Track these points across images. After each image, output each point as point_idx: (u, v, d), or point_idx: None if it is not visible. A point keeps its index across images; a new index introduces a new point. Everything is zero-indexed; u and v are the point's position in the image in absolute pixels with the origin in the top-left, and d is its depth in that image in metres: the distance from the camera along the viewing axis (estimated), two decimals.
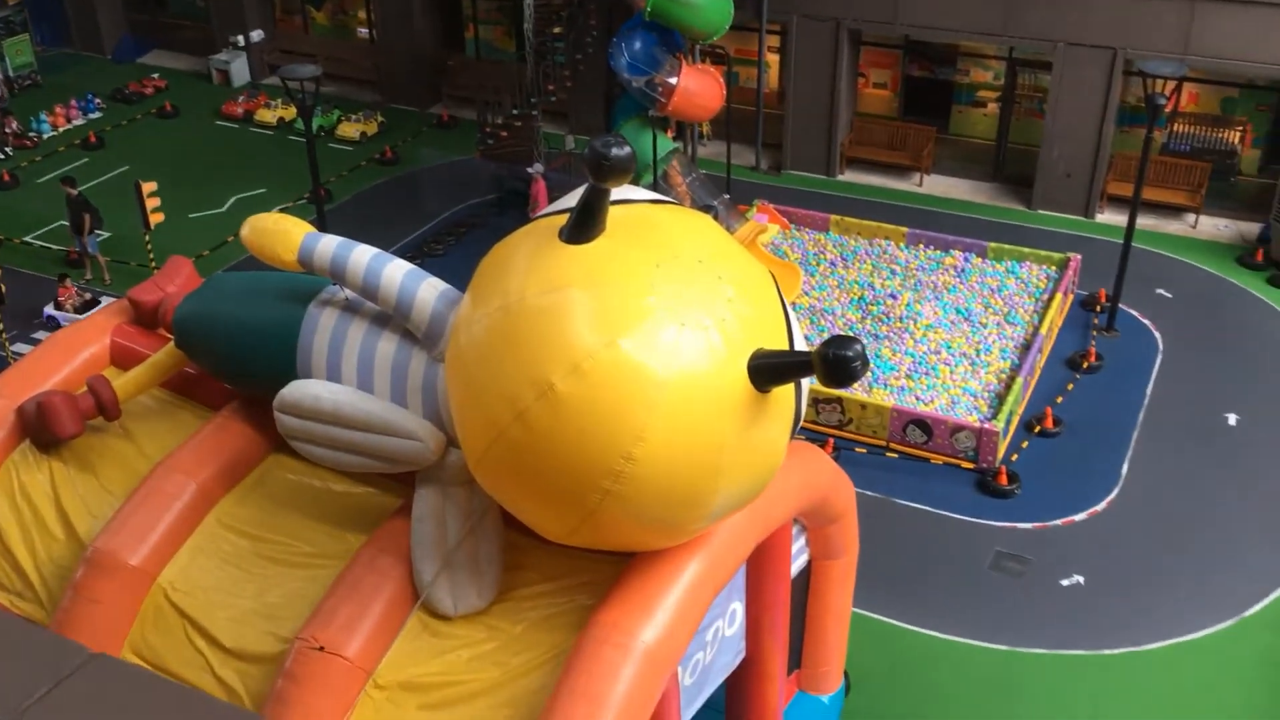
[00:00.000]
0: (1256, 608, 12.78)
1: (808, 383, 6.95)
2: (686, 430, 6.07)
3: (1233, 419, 15.82)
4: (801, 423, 7.16)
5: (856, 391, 15.78)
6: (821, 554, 9.86)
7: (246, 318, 7.96)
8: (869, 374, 16.22)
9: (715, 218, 18.19)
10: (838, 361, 5.81)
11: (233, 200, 21.99)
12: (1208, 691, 11.83)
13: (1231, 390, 16.37)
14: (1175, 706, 11.69)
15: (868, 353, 6.24)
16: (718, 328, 6.19)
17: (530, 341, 6.07)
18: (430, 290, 7.38)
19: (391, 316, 7.53)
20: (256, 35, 27.19)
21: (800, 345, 6.74)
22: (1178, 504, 14.38)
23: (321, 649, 7.11)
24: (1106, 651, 12.33)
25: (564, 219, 6.42)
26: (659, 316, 6.07)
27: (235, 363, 8.13)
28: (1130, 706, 11.69)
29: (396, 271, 7.39)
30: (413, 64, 25.94)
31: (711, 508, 6.50)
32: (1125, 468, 15.01)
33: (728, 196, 19.18)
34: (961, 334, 17.14)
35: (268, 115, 24.99)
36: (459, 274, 7.38)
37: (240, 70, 27.07)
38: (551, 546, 7.30)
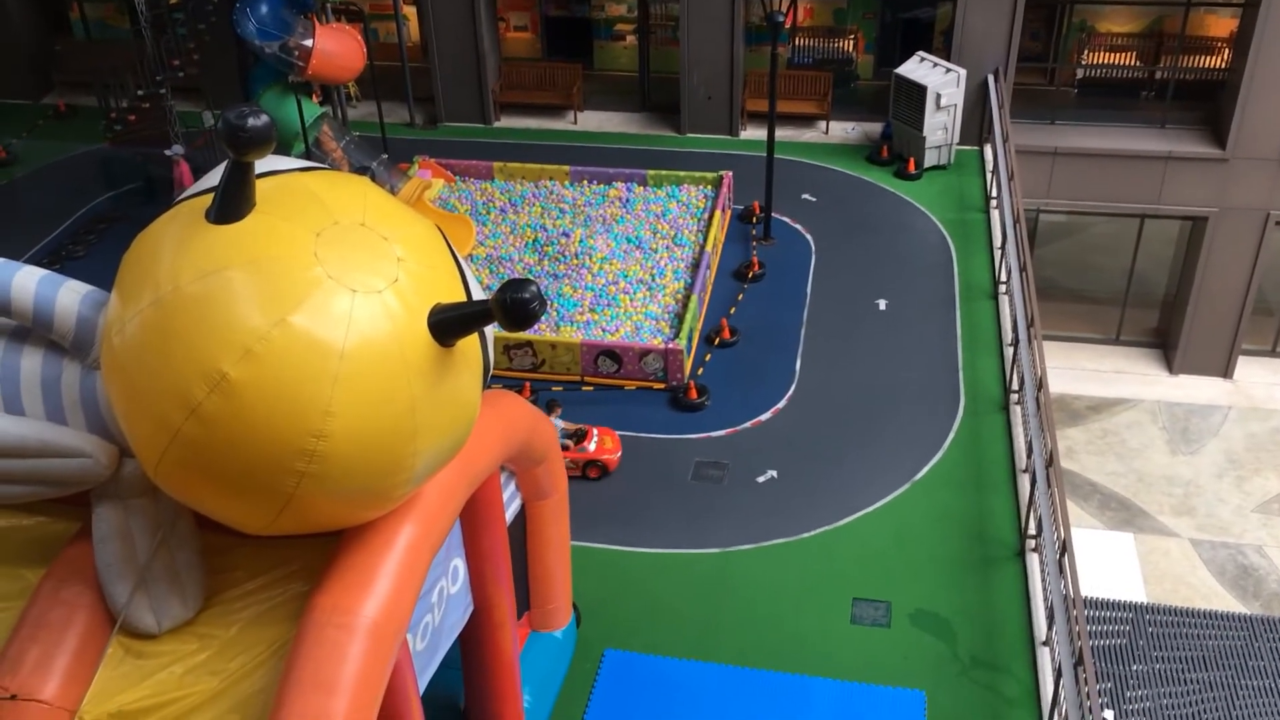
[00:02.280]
0: (924, 471, 14.12)
1: (491, 330, 6.96)
2: (375, 398, 5.94)
3: (882, 303, 17.26)
4: (492, 371, 7.18)
5: (544, 332, 15.97)
6: (533, 496, 9.99)
7: None
8: (554, 313, 16.45)
9: (374, 179, 17.73)
10: (515, 305, 5.85)
11: None
12: (895, 551, 13.00)
13: (878, 277, 17.84)
14: (871, 570, 12.78)
15: (546, 292, 6.32)
16: (391, 289, 6.07)
17: (192, 332, 5.71)
18: (71, 295, 6.77)
19: (31, 330, 6.86)
20: None
21: (477, 295, 6.73)
22: (846, 389, 15.58)
23: (14, 697, 6.50)
24: (805, 535, 13.27)
25: (209, 199, 6.06)
26: (328, 286, 5.87)
27: None
28: (833, 578, 12.67)
29: (28, 280, 6.72)
30: (10, 52, 23.48)
31: (413, 471, 6.41)
32: (798, 364, 16.08)
33: (386, 156, 18.72)
34: (635, 262, 17.68)
35: None
36: (106, 275, 6.81)
37: None
38: (255, 540, 6.98)
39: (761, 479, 14.09)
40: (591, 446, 13.95)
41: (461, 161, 20.02)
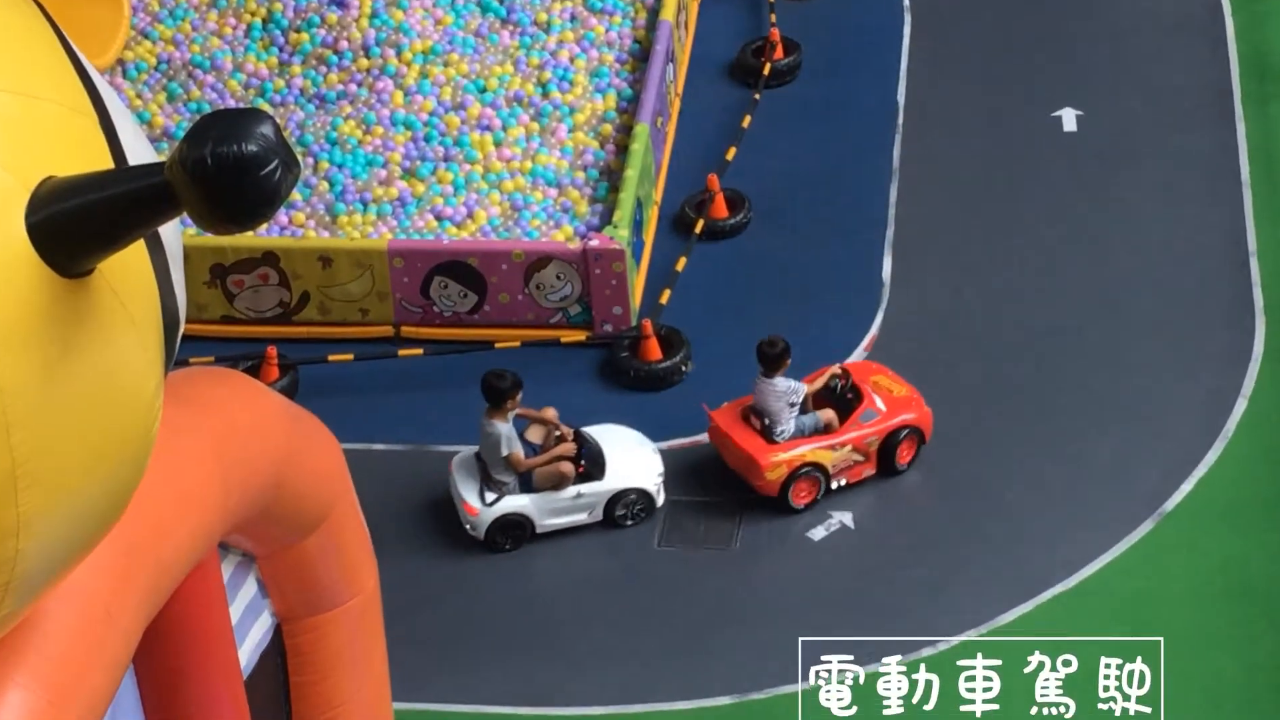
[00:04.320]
0: (1185, 487, 14.31)
1: (177, 236, 6.91)
2: None
3: (1070, 116, 17.40)
4: (185, 325, 7.15)
5: (304, 230, 15.97)
6: (300, 606, 10.00)
7: None
8: (320, 184, 16.41)
9: None
10: (224, 168, 5.77)
11: None
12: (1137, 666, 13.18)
13: (1054, 61, 17.99)
14: None
15: (303, 139, 6.30)
16: None
17: None
18: None
19: None
20: None
21: (142, 154, 6.69)
22: (998, 315, 15.72)
23: None
24: (928, 652, 13.37)
25: None
26: None
27: None
28: None
29: None
30: None
31: (13, 572, 6.40)
32: (887, 265, 16.18)
33: None
34: (502, 55, 17.70)
35: None
36: None
37: None
38: None
39: (820, 532, 14.21)
40: (881, 404, 14.30)
41: None
